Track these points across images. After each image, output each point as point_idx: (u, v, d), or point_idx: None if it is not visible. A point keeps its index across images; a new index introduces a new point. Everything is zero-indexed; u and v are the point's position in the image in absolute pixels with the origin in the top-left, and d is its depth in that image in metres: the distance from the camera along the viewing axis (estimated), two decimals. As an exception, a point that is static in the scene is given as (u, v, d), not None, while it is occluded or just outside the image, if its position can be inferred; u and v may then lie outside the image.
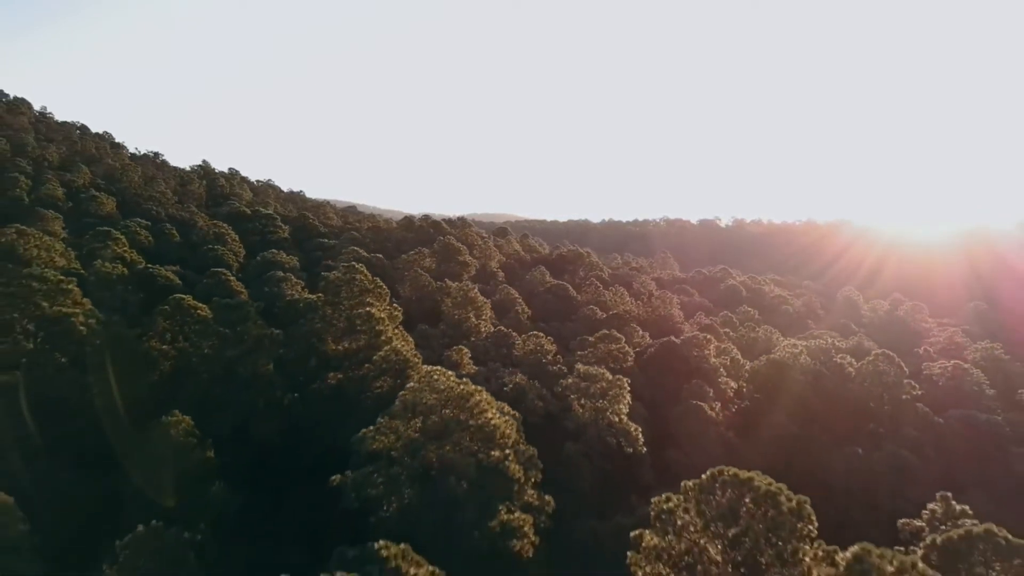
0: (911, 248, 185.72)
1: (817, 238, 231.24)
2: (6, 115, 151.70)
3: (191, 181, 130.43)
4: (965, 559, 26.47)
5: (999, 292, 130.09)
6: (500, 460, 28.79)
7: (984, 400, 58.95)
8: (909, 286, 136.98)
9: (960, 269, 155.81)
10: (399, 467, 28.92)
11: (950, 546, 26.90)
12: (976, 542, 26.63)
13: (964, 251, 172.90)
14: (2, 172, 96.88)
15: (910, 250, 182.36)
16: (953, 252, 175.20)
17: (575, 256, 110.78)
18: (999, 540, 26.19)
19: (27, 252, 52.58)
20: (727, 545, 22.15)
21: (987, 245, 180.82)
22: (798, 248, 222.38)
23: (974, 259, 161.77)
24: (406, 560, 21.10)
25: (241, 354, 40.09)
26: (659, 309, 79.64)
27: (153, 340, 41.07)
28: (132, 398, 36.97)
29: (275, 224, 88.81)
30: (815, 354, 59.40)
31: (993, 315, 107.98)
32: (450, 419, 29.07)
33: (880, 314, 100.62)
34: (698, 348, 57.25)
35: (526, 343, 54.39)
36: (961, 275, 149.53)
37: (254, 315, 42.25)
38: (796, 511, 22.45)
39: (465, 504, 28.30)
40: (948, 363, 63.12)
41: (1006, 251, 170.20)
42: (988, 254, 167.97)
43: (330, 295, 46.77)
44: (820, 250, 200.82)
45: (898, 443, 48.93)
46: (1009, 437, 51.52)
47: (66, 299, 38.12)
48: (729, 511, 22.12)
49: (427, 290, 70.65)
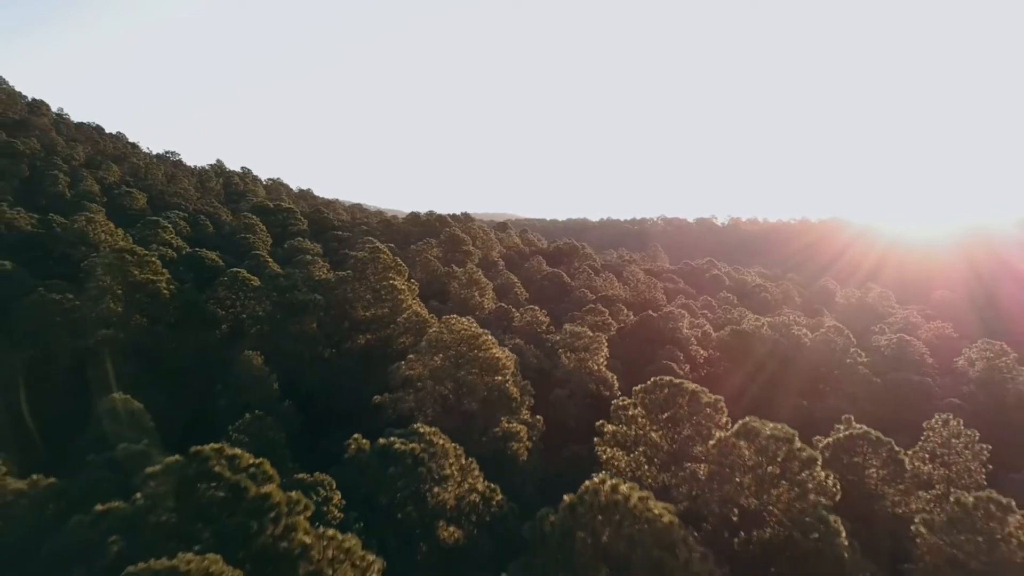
0: (910, 247, 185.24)
1: (816, 238, 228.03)
2: (30, 116, 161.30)
3: (209, 179, 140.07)
4: (848, 451, 35.94)
5: (999, 291, 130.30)
6: (502, 383, 38.26)
7: (923, 367, 68.35)
8: (908, 285, 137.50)
9: (959, 268, 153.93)
10: (425, 390, 38.38)
11: (839, 443, 36.39)
12: (857, 440, 36.12)
13: (963, 249, 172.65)
14: (44, 169, 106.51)
15: (909, 249, 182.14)
16: (952, 250, 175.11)
17: (570, 248, 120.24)
18: (871, 437, 35.70)
19: (96, 236, 62.05)
20: (662, 426, 31.65)
21: (986, 243, 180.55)
22: (798, 248, 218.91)
23: (973, 257, 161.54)
24: (436, 435, 30.44)
25: (290, 315, 49.53)
26: (644, 293, 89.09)
27: (216, 305, 50.59)
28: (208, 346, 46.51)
29: (295, 217, 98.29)
30: (776, 327, 68.91)
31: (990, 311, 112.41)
32: (464, 353, 38.53)
33: (851, 300, 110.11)
34: (672, 321, 66.69)
35: (523, 315, 63.87)
36: (960, 273, 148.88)
37: (300, 284, 51.71)
38: (712, 404, 32.06)
39: (475, 416, 37.76)
40: (894, 336, 72.56)
41: (1006, 249, 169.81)
42: (987, 252, 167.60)
43: (358, 271, 56.27)
44: (820, 250, 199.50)
45: (839, 398, 58.37)
46: (936, 394, 60.93)
47: (151, 269, 47.54)
48: (664, 402, 31.62)
49: (436, 274, 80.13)
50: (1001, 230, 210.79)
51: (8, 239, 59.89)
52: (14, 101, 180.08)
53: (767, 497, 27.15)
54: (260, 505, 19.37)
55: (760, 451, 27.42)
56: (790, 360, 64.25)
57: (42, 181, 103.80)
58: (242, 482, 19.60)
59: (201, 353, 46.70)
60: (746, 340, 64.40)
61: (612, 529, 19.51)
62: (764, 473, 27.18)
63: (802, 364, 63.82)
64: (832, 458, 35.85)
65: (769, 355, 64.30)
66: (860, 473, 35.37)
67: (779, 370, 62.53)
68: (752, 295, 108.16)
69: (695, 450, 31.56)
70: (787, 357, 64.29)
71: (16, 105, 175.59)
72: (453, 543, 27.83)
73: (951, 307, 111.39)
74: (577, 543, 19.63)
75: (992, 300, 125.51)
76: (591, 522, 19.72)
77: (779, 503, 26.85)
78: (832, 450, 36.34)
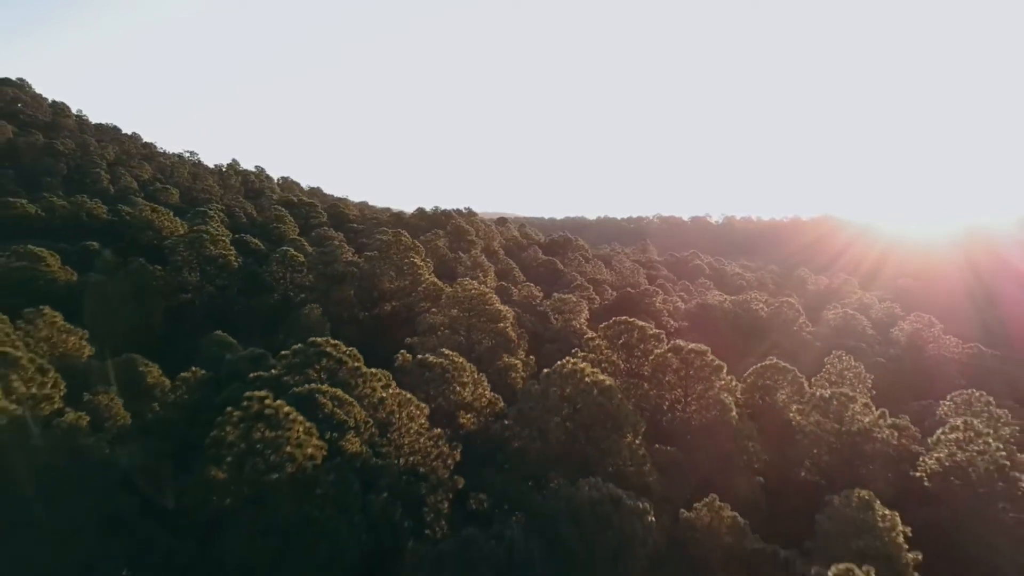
0: (909, 246, 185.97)
1: (815, 238, 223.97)
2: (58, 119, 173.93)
3: (230, 177, 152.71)
4: (763, 377, 48.47)
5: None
6: (503, 329, 50.83)
7: (863, 336, 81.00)
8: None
9: (958, 266, 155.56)
10: (445, 335, 50.93)
11: (757, 371, 48.95)
12: (769, 369, 48.63)
13: (962, 248, 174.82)
14: (85, 168, 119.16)
15: (908, 248, 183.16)
16: (951, 249, 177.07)
17: (565, 241, 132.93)
18: (779, 366, 48.34)
19: (160, 222, 74.62)
20: (618, 350, 44.22)
21: (986, 243, 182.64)
22: (798, 248, 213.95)
23: (972, 256, 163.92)
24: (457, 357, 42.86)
25: (332, 284, 62.08)
26: (628, 278, 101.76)
27: (269, 277, 63.17)
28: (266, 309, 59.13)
29: (316, 211, 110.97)
30: (737, 303, 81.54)
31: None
32: (474, 307, 51.12)
33: (820, 287, 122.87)
34: (648, 297, 79.31)
35: (521, 291, 76.47)
36: (959, 272, 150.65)
37: (340, 256, 64.29)
38: (655, 336, 44.69)
39: (483, 354, 50.27)
40: (840, 311, 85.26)
41: (1005, 249, 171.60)
42: (987, 251, 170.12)
43: (383, 251, 68.78)
44: (819, 250, 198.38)
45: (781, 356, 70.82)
46: (868, 354, 73.51)
47: (223, 246, 60.07)
48: (620, 334, 44.24)
49: (444, 259, 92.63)
50: (1001, 229, 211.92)
51: (89, 226, 72.39)
52: (39, 104, 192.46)
53: (687, 390, 39.78)
54: (356, 370, 31.96)
55: (683, 361, 40.05)
56: (746, 328, 76.85)
57: (84, 178, 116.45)
58: (344, 357, 32.20)
59: (262, 314, 59.25)
60: (709, 312, 77.04)
61: (572, 386, 32.12)
62: (686, 374, 39.80)
63: (756, 332, 76.38)
64: (751, 384, 48.65)
65: (729, 324, 76.96)
66: (772, 393, 48.01)
67: (736, 336, 75.05)
68: (729, 282, 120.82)
69: (643, 369, 44.21)
70: (744, 326, 76.92)
71: (41, 107, 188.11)
72: (469, 427, 40.31)
73: (914, 294, 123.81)
74: (550, 394, 32.25)
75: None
76: (559, 382, 32.35)
77: (695, 394, 39.47)
78: (752, 376, 49.09)
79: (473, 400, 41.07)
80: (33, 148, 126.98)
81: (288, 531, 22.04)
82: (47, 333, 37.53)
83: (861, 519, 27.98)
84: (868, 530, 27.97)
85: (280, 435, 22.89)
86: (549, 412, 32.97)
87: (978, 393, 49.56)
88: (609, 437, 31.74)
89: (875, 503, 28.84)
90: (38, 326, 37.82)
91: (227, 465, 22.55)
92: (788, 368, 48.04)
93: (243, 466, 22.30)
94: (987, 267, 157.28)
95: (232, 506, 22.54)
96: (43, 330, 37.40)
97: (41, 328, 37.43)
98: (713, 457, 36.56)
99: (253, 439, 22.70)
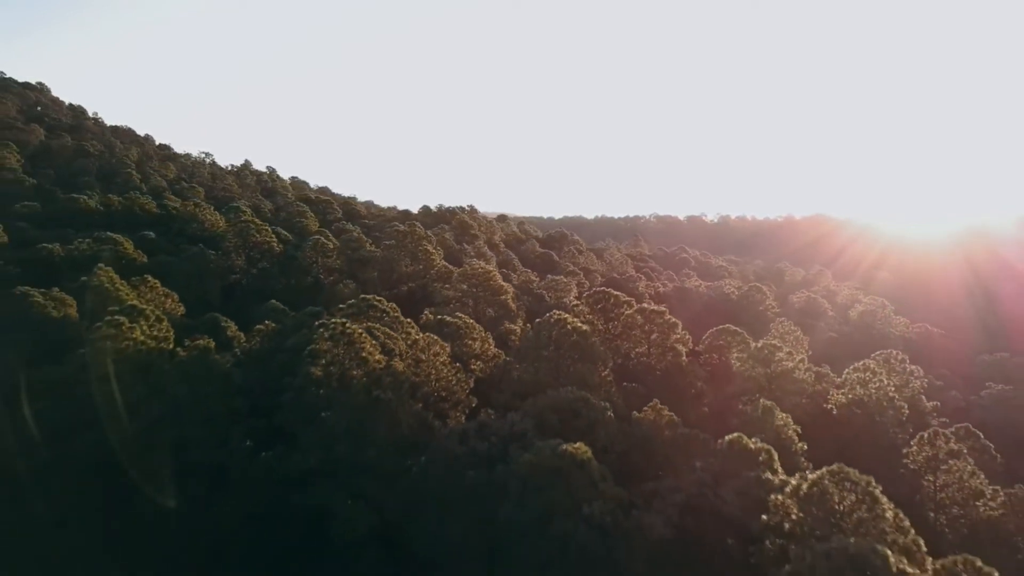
0: (908, 245, 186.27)
1: (815, 237, 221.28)
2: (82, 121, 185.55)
3: (246, 176, 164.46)
4: (717, 338, 59.96)
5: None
6: (504, 302, 62.41)
7: (824, 316, 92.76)
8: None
9: (957, 265, 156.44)
10: (457, 307, 62.46)
11: (712, 334, 60.45)
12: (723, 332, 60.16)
13: (962, 248, 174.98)
14: (116, 168, 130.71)
15: (907, 248, 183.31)
16: (950, 249, 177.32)
17: (561, 236, 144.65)
18: (731, 330, 59.90)
19: (202, 216, 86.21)
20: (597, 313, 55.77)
21: (985, 242, 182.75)
22: (797, 247, 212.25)
23: (971, 256, 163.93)
24: (468, 319, 54.41)
25: (357, 266, 73.64)
26: (617, 268, 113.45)
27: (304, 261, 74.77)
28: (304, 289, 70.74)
29: (332, 207, 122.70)
30: (712, 288, 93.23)
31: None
32: (481, 282, 62.71)
33: (797, 278, 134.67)
34: (632, 283, 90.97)
35: (519, 276, 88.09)
36: (958, 271, 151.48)
37: (365, 242, 75.89)
38: (627, 302, 56.27)
39: (488, 322, 61.79)
40: (805, 295, 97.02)
41: (1004, 248, 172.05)
42: (986, 251, 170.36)
43: (399, 240, 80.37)
44: (819, 249, 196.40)
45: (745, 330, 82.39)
46: (823, 330, 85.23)
47: (266, 234, 71.65)
48: (599, 300, 55.80)
49: (451, 250, 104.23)
50: (1000, 229, 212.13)
51: (142, 219, 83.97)
52: (59, 107, 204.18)
53: (650, 342, 51.38)
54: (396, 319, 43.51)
55: (646, 319, 51.63)
56: (718, 309, 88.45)
57: (114, 177, 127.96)
58: (387, 309, 43.74)
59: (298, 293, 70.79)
60: (686, 294, 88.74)
61: (557, 330, 43.72)
62: (649, 329, 51.38)
63: (726, 312, 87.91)
64: (709, 344, 60.21)
65: (703, 305, 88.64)
66: (724, 351, 59.55)
67: (708, 315, 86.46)
68: (714, 273, 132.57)
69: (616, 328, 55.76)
70: (716, 307, 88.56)
71: (61, 110, 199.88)
72: (478, 373, 51.81)
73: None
74: (540, 337, 43.84)
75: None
76: (547, 328, 43.97)
77: (655, 344, 51.07)
78: (709, 338, 60.64)
79: (481, 352, 52.62)
80: (66, 150, 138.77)
81: (363, 409, 33.59)
82: (151, 296, 49.08)
83: (762, 419, 39.56)
84: (768, 428, 39.51)
85: (354, 347, 34.43)
86: (539, 349, 44.57)
87: (896, 353, 61.24)
88: (585, 368, 43.34)
89: (775, 409, 40.44)
90: (142, 291, 49.41)
91: (321, 366, 34.08)
92: (738, 331, 59.61)
93: (332, 365, 33.83)
94: (986, 266, 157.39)
95: (325, 394, 34.04)
96: (148, 293, 48.98)
97: (146, 292, 49.01)
98: (667, 390, 48.06)
99: (338, 350, 34.25)
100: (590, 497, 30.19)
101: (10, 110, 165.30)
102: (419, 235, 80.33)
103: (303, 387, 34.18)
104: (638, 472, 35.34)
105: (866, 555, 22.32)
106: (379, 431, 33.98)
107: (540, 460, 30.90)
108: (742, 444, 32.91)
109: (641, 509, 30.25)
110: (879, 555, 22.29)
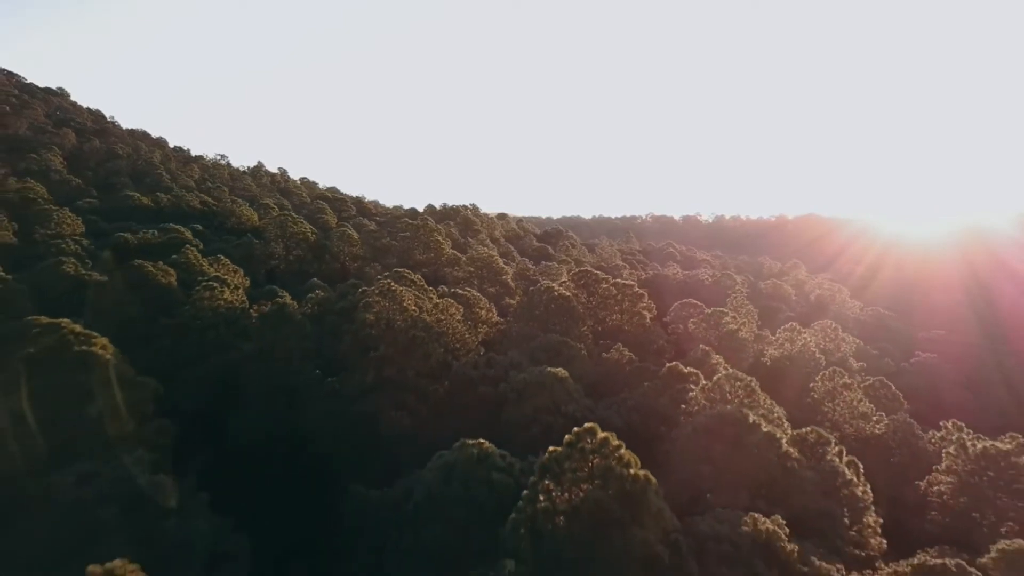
0: (904, 244, 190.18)
1: (814, 238, 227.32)
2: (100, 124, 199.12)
3: (261, 177, 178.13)
4: (680, 311, 73.63)
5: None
6: (505, 281, 75.99)
7: (788, 300, 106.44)
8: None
9: (955, 265, 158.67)
10: (467, 284, 76.01)
11: (676, 308, 74.15)
12: (686, 306, 73.85)
13: (959, 247, 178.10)
14: (146, 169, 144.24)
15: (905, 247, 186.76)
16: (948, 248, 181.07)
17: (557, 232, 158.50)
18: (693, 303, 73.52)
19: (238, 210, 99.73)
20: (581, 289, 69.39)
21: (982, 241, 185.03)
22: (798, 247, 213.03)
23: (969, 255, 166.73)
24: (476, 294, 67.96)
25: (378, 254, 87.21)
26: (607, 260, 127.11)
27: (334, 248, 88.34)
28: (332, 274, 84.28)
29: (346, 205, 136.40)
30: (687, 275, 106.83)
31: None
32: (485, 265, 76.29)
33: (774, 270, 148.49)
34: (615, 271, 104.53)
35: (517, 265, 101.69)
36: (956, 271, 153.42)
37: (385, 234, 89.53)
38: (605, 279, 69.99)
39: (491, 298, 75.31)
40: (771, 282, 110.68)
41: (1003, 247, 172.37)
42: (984, 250, 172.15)
43: (413, 232, 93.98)
44: (819, 249, 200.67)
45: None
46: (784, 311, 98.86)
47: (301, 227, 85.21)
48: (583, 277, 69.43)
49: (456, 243, 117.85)
50: (998, 227, 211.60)
51: (188, 213, 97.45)
52: (79, 111, 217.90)
53: (621, 309, 64.95)
54: (422, 287, 57.03)
55: (619, 291, 65.21)
56: (690, 293, 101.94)
57: (144, 177, 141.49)
58: (415, 279, 57.31)
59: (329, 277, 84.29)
60: (662, 281, 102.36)
61: (546, 295, 57.31)
62: (621, 298, 64.91)
63: (699, 295, 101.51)
64: (674, 316, 73.84)
65: (677, 290, 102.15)
66: (686, 321, 73.11)
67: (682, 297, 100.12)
68: (696, 266, 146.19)
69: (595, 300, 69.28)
70: (689, 292, 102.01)
71: (81, 114, 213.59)
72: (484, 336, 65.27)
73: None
74: (532, 302, 57.46)
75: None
76: (537, 295, 57.58)
77: (625, 311, 64.65)
78: (673, 311, 74.30)
79: (487, 319, 66.22)
80: (98, 152, 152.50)
81: (404, 344, 47.13)
82: (224, 271, 62.60)
83: (701, 361, 53.08)
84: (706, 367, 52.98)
85: (396, 299, 47.99)
86: (532, 310, 58.14)
87: (830, 323, 74.88)
88: (568, 324, 56.90)
89: (712, 353, 53.95)
90: (217, 267, 62.94)
91: (373, 313, 47.60)
92: (698, 304, 73.32)
93: (380, 313, 47.37)
94: (984, 265, 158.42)
95: (375, 334, 47.53)
96: (222, 269, 62.50)
97: (221, 268, 62.54)
98: (634, 346, 61.61)
99: (384, 302, 47.78)
100: (567, 402, 43.76)
101: (39, 115, 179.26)
102: (431, 228, 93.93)
103: (358, 330, 47.71)
104: (604, 393, 48.93)
105: (736, 416, 35.86)
106: (416, 360, 47.52)
107: (531, 377, 44.46)
108: (677, 369, 46.49)
109: (603, 408, 43.84)
110: (744, 416, 35.83)
